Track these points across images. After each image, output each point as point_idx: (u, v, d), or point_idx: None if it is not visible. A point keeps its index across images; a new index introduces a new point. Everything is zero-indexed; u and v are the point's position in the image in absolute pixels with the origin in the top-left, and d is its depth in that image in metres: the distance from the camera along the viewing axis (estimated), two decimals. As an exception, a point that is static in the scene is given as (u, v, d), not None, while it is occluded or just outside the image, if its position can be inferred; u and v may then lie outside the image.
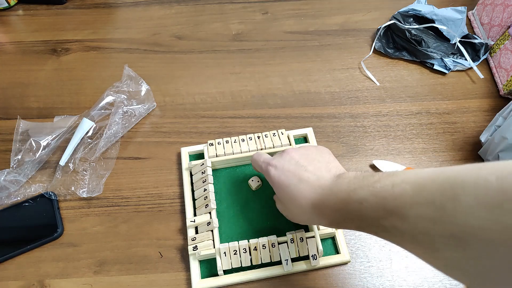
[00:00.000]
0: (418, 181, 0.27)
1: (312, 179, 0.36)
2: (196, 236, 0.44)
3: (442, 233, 0.24)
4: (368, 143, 0.54)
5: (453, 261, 0.25)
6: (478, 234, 0.22)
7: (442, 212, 0.24)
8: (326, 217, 0.35)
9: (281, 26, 0.70)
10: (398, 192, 0.27)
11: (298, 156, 0.39)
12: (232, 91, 0.61)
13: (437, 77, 0.62)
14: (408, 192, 0.27)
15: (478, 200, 0.22)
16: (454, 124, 0.56)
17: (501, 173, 0.22)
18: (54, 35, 0.69)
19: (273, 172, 0.40)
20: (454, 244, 0.24)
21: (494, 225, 0.21)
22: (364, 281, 0.44)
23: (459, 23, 0.63)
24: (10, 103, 0.60)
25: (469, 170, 0.24)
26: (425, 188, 0.26)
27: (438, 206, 0.24)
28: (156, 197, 0.50)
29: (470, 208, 0.23)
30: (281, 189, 0.39)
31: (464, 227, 0.23)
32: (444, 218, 0.24)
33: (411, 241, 0.27)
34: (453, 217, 0.23)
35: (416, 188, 0.27)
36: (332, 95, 0.60)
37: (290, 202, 0.38)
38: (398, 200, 0.27)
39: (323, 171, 0.37)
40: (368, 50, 0.65)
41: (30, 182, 0.51)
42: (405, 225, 0.27)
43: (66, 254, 0.46)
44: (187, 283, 0.44)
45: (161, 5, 0.74)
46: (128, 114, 0.55)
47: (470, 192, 0.23)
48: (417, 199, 0.26)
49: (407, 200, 0.27)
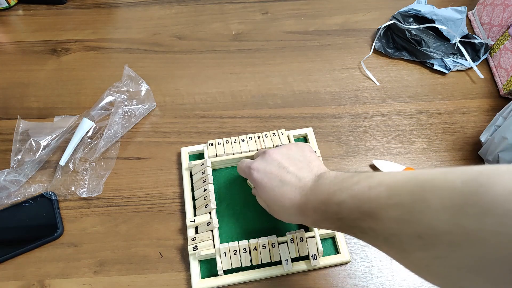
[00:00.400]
0: (393, 184, 0.27)
1: (294, 181, 0.37)
2: (196, 236, 0.44)
3: (411, 234, 0.25)
4: (368, 143, 0.54)
5: (422, 262, 0.25)
6: (441, 236, 0.23)
7: (410, 214, 0.25)
8: (308, 217, 0.35)
9: (281, 26, 0.70)
10: (373, 195, 0.28)
11: (280, 157, 0.40)
12: (232, 91, 0.61)
13: (437, 77, 0.62)
14: (383, 195, 0.27)
15: (443, 203, 0.23)
16: (454, 124, 0.56)
17: (467, 177, 0.23)
18: (54, 35, 0.69)
19: (256, 175, 0.40)
20: (421, 245, 0.24)
21: (455, 228, 0.22)
22: (364, 281, 0.44)
23: (459, 23, 0.63)
24: (10, 103, 0.60)
25: (439, 174, 0.25)
26: (398, 191, 0.27)
27: (408, 208, 0.25)
28: (156, 197, 0.50)
29: (435, 211, 0.23)
30: (264, 191, 0.39)
31: (430, 229, 0.24)
32: (413, 220, 0.25)
33: (384, 243, 0.28)
34: (420, 219, 0.24)
35: (390, 191, 0.27)
36: (332, 95, 0.60)
37: (274, 203, 0.38)
38: (373, 203, 0.28)
39: (304, 171, 0.37)
40: (368, 50, 0.65)
41: (30, 182, 0.51)
42: (379, 227, 0.27)
43: (66, 254, 0.46)
44: (187, 283, 0.44)
45: (161, 5, 0.74)
46: (128, 114, 0.55)
47: (437, 195, 0.24)
48: (390, 202, 0.27)
49: (381, 202, 0.27)
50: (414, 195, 0.25)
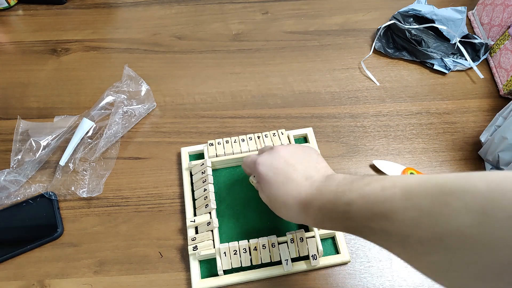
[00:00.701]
0: (407, 186, 0.27)
1: (300, 179, 0.36)
2: (196, 236, 0.44)
3: (429, 237, 0.25)
4: (368, 143, 0.54)
5: (439, 265, 0.25)
6: (463, 239, 0.23)
7: (430, 217, 0.25)
8: (311, 217, 0.35)
9: (281, 26, 0.70)
10: (387, 196, 0.28)
11: (288, 154, 0.39)
12: (232, 91, 0.61)
13: (437, 77, 0.62)
14: (398, 196, 0.27)
15: (466, 206, 0.23)
16: (454, 124, 0.56)
17: (491, 181, 0.23)
18: (54, 35, 0.69)
19: (261, 168, 0.39)
20: (440, 248, 0.24)
21: (480, 232, 0.22)
22: (364, 281, 0.44)
23: (459, 23, 0.63)
24: (10, 103, 0.60)
25: (459, 177, 0.25)
26: (415, 193, 0.26)
27: (426, 210, 0.25)
28: (156, 197, 0.50)
29: (457, 214, 0.23)
30: (268, 186, 0.38)
31: (450, 232, 0.23)
32: (432, 222, 0.24)
33: (397, 244, 0.28)
34: (440, 221, 0.24)
35: (405, 192, 0.27)
36: (332, 95, 0.60)
37: (276, 200, 0.38)
38: (387, 203, 0.27)
39: (311, 171, 0.37)
40: (368, 50, 0.65)
41: (30, 182, 0.51)
42: (393, 228, 0.27)
43: (66, 254, 0.46)
44: (187, 283, 0.44)
45: (161, 5, 0.74)
46: (128, 114, 0.55)
47: (458, 198, 0.23)
48: (406, 203, 0.26)
49: (396, 204, 0.27)
50: (434, 197, 0.25)
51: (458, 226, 0.23)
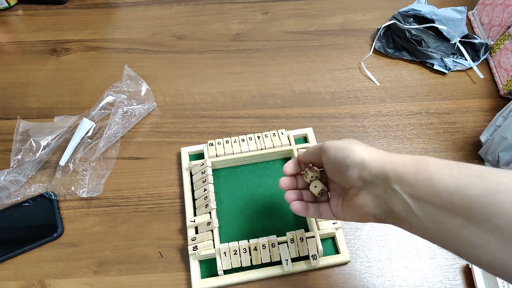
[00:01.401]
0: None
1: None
2: (196, 236, 0.44)
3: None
4: (368, 143, 0.54)
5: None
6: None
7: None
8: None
9: (281, 26, 0.70)
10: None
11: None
12: (232, 91, 0.61)
13: (437, 77, 0.62)
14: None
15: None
16: (454, 124, 0.56)
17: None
18: (54, 35, 0.69)
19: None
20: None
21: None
22: (364, 281, 0.44)
23: (459, 23, 0.63)
24: (10, 103, 0.60)
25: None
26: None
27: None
28: (156, 197, 0.50)
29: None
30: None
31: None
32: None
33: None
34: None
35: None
36: (332, 95, 0.60)
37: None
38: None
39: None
40: (368, 50, 0.65)
41: (30, 182, 0.51)
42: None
43: (66, 254, 0.46)
44: (187, 283, 0.44)
45: (161, 5, 0.74)
46: (128, 114, 0.55)
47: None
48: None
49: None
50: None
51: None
